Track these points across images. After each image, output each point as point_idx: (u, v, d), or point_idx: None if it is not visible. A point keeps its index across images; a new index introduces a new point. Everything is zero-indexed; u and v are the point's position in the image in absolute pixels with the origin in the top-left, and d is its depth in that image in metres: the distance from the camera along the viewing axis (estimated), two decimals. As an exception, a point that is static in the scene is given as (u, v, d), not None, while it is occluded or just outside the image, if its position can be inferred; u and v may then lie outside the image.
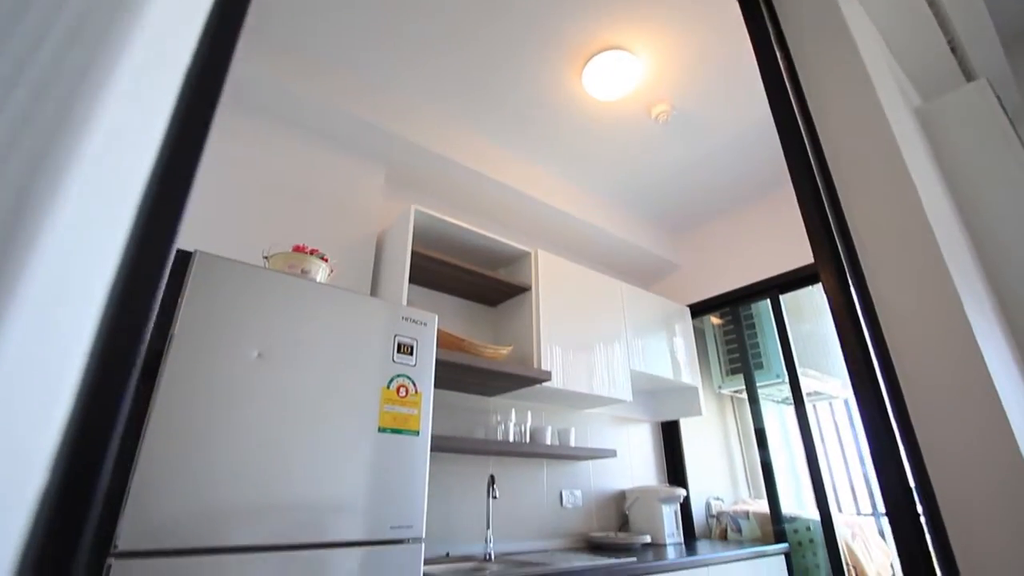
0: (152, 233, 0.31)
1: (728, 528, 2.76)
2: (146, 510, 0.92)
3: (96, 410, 0.27)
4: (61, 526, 0.23)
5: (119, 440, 0.27)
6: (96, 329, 0.27)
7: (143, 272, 0.30)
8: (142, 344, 0.29)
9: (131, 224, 0.30)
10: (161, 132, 0.33)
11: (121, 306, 0.28)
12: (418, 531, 1.17)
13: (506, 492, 2.22)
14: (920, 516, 0.93)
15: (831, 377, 3.30)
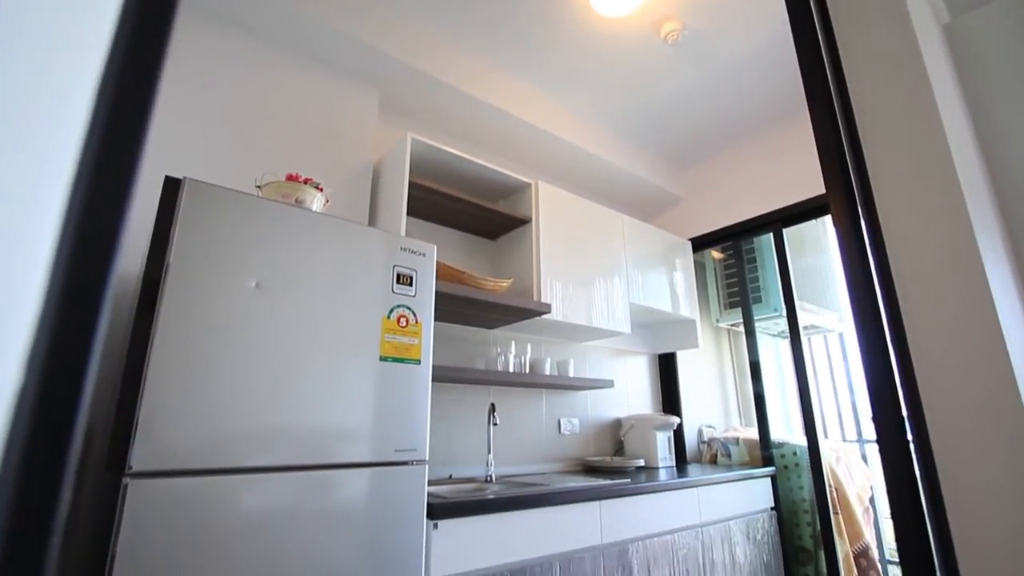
0: (117, 136, 0.28)
1: (718, 453, 2.88)
2: (156, 434, 0.95)
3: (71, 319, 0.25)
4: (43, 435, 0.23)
5: (97, 355, 0.25)
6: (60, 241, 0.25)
7: (108, 176, 0.28)
8: (115, 250, 0.27)
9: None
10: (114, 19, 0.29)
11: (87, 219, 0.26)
12: (421, 454, 1.22)
13: (506, 420, 2.30)
14: (909, 444, 0.95)
15: (828, 311, 3.33)
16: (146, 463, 0.93)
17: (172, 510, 0.93)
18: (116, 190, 0.27)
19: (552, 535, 1.62)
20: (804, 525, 2.55)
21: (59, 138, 0.25)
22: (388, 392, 1.20)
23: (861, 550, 2.51)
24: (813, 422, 2.58)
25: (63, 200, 0.25)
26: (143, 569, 0.88)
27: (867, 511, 2.74)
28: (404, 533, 1.16)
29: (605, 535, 1.76)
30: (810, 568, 2.50)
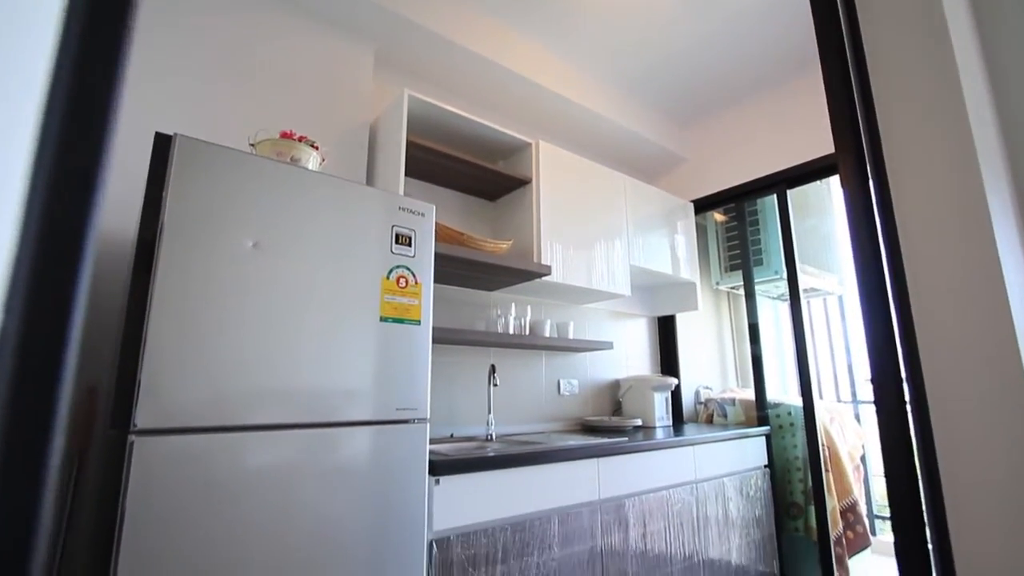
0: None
1: (714, 413, 2.94)
2: (159, 393, 0.96)
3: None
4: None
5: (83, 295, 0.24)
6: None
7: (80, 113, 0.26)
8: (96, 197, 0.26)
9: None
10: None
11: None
12: (423, 413, 1.23)
13: (506, 381, 2.33)
14: (906, 404, 0.96)
15: (828, 273, 3.32)
16: (150, 421, 0.94)
17: (178, 467, 0.95)
18: (93, 122, 0.25)
19: (551, 491, 1.66)
20: (796, 482, 2.63)
21: (27, 70, 0.24)
22: (389, 352, 1.20)
23: (849, 505, 2.59)
24: (809, 383, 2.62)
25: (35, 134, 0.23)
26: (152, 524, 0.91)
27: (857, 469, 2.82)
28: (406, 489, 1.19)
29: (603, 491, 1.81)
30: (800, 522, 2.58)
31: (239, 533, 0.97)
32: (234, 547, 0.96)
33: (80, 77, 0.24)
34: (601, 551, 1.76)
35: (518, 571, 1.53)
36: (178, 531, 0.92)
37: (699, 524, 2.15)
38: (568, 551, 1.67)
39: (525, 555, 1.55)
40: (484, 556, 1.46)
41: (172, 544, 0.91)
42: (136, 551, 0.88)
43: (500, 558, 1.49)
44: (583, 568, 1.70)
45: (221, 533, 0.95)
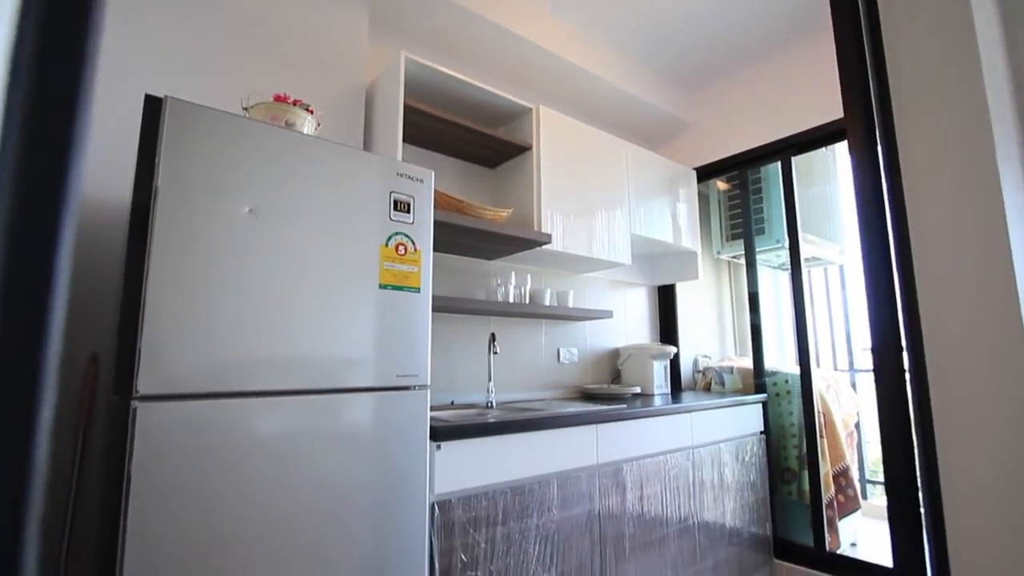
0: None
1: (712, 381, 2.97)
2: (160, 359, 0.96)
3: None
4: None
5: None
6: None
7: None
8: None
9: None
10: None
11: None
12: (423, 379, 1.24)
13: (506, 349, 2.34)
14: (905, 373, 0.96)
15: (830, 242, 3.30)
16: (152, 387, 0.94)
17: (182, 432, 0.96)
18: (69, 75, 0.24)
19: (550, 456, 1.69)
20: (791, 447, 2.67)
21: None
22: (389, 319, 1.20)
23: (841, 470, 2.65)
24: (807, 352, 2.63)
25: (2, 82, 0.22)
26: (158, 489, 0.92)
27: (851, 435, 2.87)
28: (408, 454, 1.21)
29: (601, 456, 1.85)
30: (793, 486, 2.64)
31: (245, 497, 0.99)
32: (240, 510, 0.98)
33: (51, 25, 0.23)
34: (599, 514, 1.81)
35: (518, 532, 1.57)
36: (184, 495, 0.93)
37: (695, 488, 2.20)
38: (567, 513, 1.71)
39: (525, 517, 1.59)
40: (485, 518, 1.49)
41: (179, 508, 0.93)
42: (143, 516, 0.90)
43: (500, 520, 1.53)
44: (581, 529, 1.74)
45: (227, 497, 0.97)
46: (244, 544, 0.97)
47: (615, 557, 1.84)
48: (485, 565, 1.48)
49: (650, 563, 1.95)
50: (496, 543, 1.51)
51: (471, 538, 1.46)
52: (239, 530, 0.97)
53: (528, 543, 1.59)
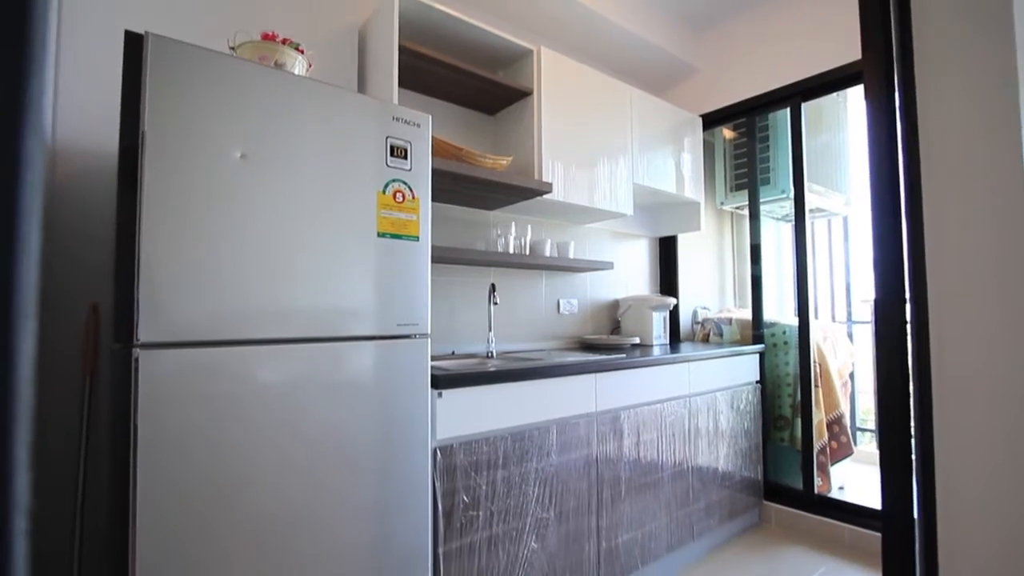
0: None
1: (711, 333, 2.99)
2: (159, 307, 0.95)
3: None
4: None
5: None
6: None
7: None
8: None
9: None
10: None
11: None
12: (424, 328, 1.24)
13: (506, 300, 2.35)
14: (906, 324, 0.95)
15: (835, 193, 3.25)
16: (153, 335, 0.94)
17: (186, 380, 0.96)
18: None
19: (550, 404, 1.72)
20: (785, 396, 2.73)
21: None
22: (388, 268, 1.19)
23: (835, 418, 2.71)
24: (806, 303, 2.64)
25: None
26: (165, 438, 0.94)
27: (845, 384, 2.92)
28: (410, 401, 1.22)
29: (600, 404, 1.88)
30: (786, 433, 2.72)
31: (252, 442, 1.01)
32: (246, 457, 1.00)
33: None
34: (597, 458, 1.86)
35: (518, 475, 1.62)
36: (191, 443, 0.95)
37: (690, 435, 2.26)
38: (566, 458, 1.76)
39: (525, 461, 1.64)
40: (486, 462, 1.54)
41: (186, 455, 0.95)
42: (153, 463, 0.92)
43: (501, 464, 1.57)
44: (579, 473, 1.80)
45: (232, 444, 0.99)
46: (254, 487, 1.00)
47: (611, 498, 1.91)
48: (486, 505, 1.54)
49: (644, 504, 2.03)
50: (497, 485, 1.56)
51: (472, 481, 1.51)
52: (246, 476, 1.00)
53: (528, 485, 1.64)
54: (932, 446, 0.85)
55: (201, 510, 0.95)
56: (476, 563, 1.51)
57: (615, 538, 1.91)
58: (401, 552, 1.18)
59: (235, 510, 0.98)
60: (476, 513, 1.51)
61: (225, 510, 0.97)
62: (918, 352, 0.90)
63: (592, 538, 1.84)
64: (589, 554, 1.82)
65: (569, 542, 1.76)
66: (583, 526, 1.81)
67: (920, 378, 0.89)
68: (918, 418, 0.90)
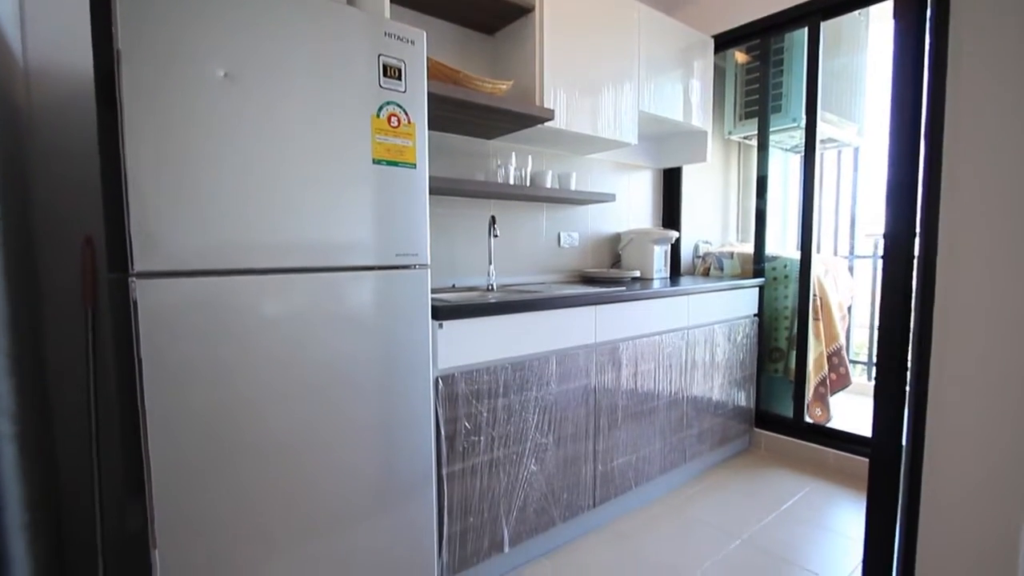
0: None
1: (712, 267, 2.98)
2: (152, 235, 0.93)
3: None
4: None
5: None
6: None
7: None
8: None
9: None
10: None
11: None
12: (423, 259, 1.23)
13: (506, 233, 2.31)
14: (914, 259, 0.93)
15: (848, 122, 3.13)
16: (148, 264, 0.93)
17: (185, 310, 0.96)
18: None
19: (550, 335, 1.74)
20: (782, 329, 2.76)
21: None
22: (385, 197, 1.16)
23: (835, 350, 2.76)
24: (810, 237, 2.61)
25: None
26: (169, 367, 0.94)
27: (844, 318, 2.95)
28: (411, 331, 1.23)
29: (599, 335, 1.90)
30: (780, 364, 2.78)
31: (256, 371, 1.02)
32: (252, 384, 1.02)
33: None
34: (595, 388, 1.91)
35: (518, 403, 1.67)
36: (195, 370, 0.96)
37: (687, 366, 2.31)
38: (565, 387, 1.80)
39: (525, 390, 1.68)
40: (487, 391, 1.58)
41: (191, 382, 0.96)
42: (159, 391, 0.93)
43: (501, 392, 1.61)
44: (578, 401, 1.85)
45: (237, 371, 1.00)
46: (262, 412, 1.02)
47: (608, 425, 1.97)
48: (487, 431, 1.59)
49: (640, 430, 2.11)
50: (498, 413, 1.61)
51: (474, 408, 1.55)
52: (253, 402, 1.02)
53: (528, 413, 1.70)
54: (927, 378, 0.86)
55: (211, 435, 0.97)
56: (478, 484, 1.59)
57: (611, 461, 2.00)
58: (406, 474, 1.23)
59: (244, 434, 1.01)
60: (478, 438, 1.57)
61: (235, 435, 1.00)
62: (922, 287, 0.89)
63: (589, 461, 1.92)
64: (585, 476, 1.91)
65: (567, 465, 1.84)
66: (580, 451, 1.89)
67: (922, 313, 0.89)
68: (915, 351, 0.90)
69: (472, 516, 1.58)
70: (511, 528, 1.69)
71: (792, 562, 1.80)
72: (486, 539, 1.62)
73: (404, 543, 1.23)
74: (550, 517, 1.81)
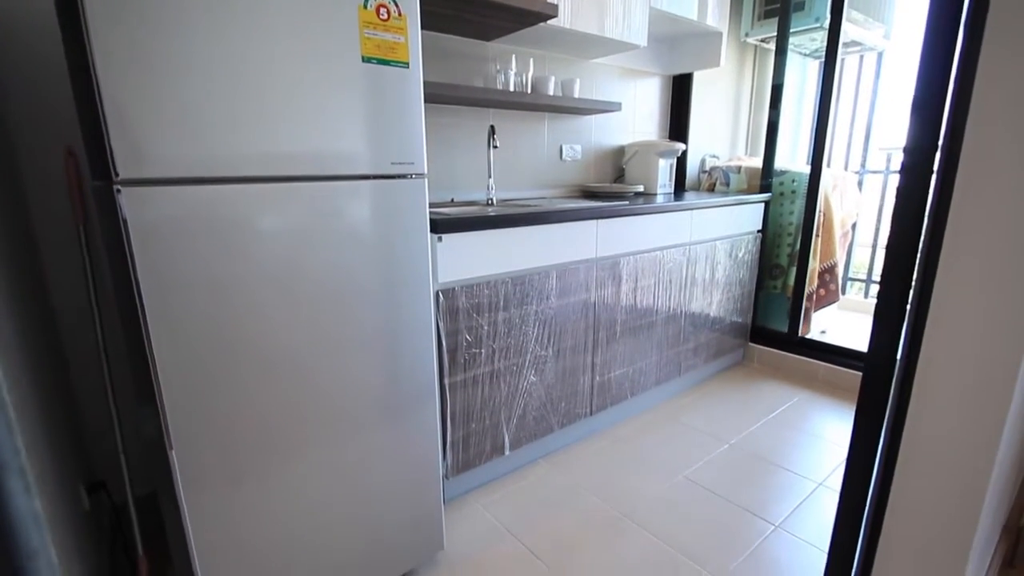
0: None
1: (717, 182, 2.90)
2: (133, 141, 0.88)
3: None
4: None
5: None
6: None
7: None
8: None
9: None
10: None
11: None
12: (420, 167, 1.18)
13: (506, 145, 2.22)
14: (932, 175, 0.89)
15: (876, 23, 2.90)
16: (133, 171, 0.89)
17: (179, 221, 0.93)
18: None
19: (550, 249, 1.72)
20: (784, 246, 2.74)
21: None
22: (377, 100, 1.08)
23: (828, 267, 2.76)
24: (823, 150, 2.51)
25: None
26: (165, 279, 0.93)
27: (846, 235, 2.92)
28: (410, 244, 1.21)
29: (599, 250, 1.89)
30: (779, 281, 2.79)
31: (255, 281, 1.01)
32: (253, 296, 1.01)
33: None
34: (594, 302, 1.92)
35: (518, 317, 1.68)
36: (193, 282, 0.95)
37: (686, 282, 2.31)
38: (564, 301, 1.81)
39: (525, 304, 1.69)
40: (487, 304, 1.58)
41: (191, 294, 0.95)
42: (161, 306, 0.92)
43: (502, 306, 1.62)
44: (577, 315, 1.87)
45: (237, 282, 0.99)
46: (265, 322, 1.02)
47: (606, 339, 2.01)
48: (488, 344, 1.62)
49: (637, 343, 2.15)
50: (498, 326, 1.63)
51: (475, 321, 1.57)
52: (250, 311, 1.01)
53: (528, 326, 1.72)
54: (930, 296, 0.85)
55: (215, 346, 0.98)
56: (480, 393, 1.64)
57: (608, 373, 2.06)
58: (410, 383, 1.26)
59: (249, 344, 1.01)
60: (478, 351, 1.60)
61: (240, 344, 1.01)
62: (938, 204, 0.85)
63: (587, 373, 1.98)
64: (583, 386, 1.98)
65: (565, 376, 1.90)
66: (579, 363, 1.94)
67: (934, 228, 0.86)
68: (921, 267, 0.89)
69: (474, 423, 1.65)
70: (511, 434, 1.77)
71: (775, 463, 1.91)
72: (488, 443, 1.71)
73: (410, 447, 1.29)
74: (549, 424, 1.89)
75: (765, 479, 1.81)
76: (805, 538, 1.52)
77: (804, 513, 1.63)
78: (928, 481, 0.84)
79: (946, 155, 0.85)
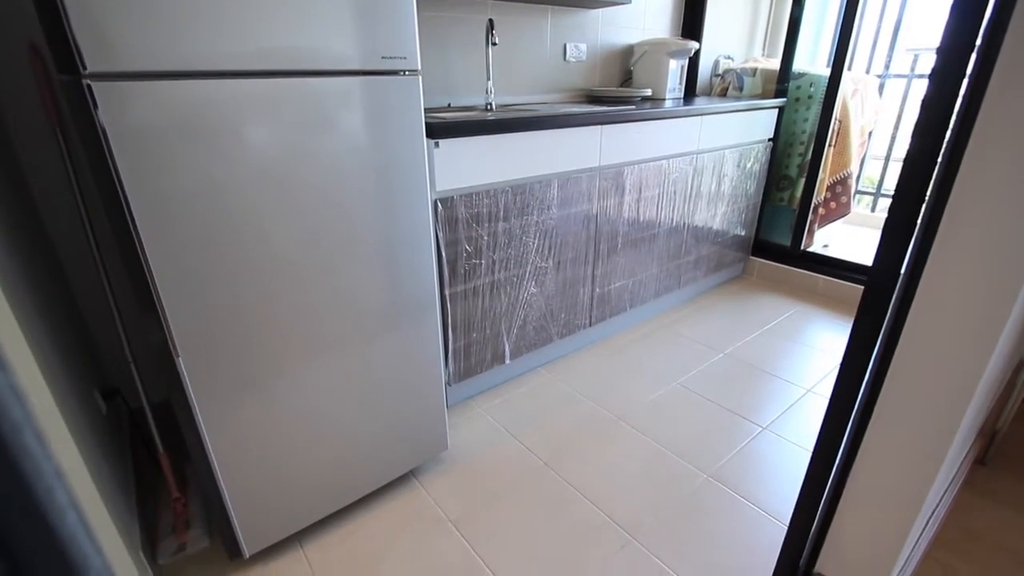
0: None
1: (731, 86, 2.73)
2: (104, 36, 0.80)
3: None
4: None
5: None
6: None
7: None
8: None
9: None
10: None
11: None
12: (413, 63, 1.09)
13: (506, 44, 2.06)
14: (964, 77, 0.81)
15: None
16: (102, 63, 0.82)
17: (158, 120, 0.87)
18: None
19: (551, 157, 1.65)
20: (795, 156, 2.64)
21: None
22: (362, -17, 0.98)
23: (841, 178, 2.67)
24: (846, 50, 2.34)
25: None
26: (149, 182, 0.89)
27: (863, 144, 2.79)
28: (405, 148, 1.15)
29: (603, 158, 1.81)
30: (787, 193, 2.71)
31: (248, 187, 0.97)
32: (241, 198, 0.97)
33: None
34: (596, 213, 1.88)
35: (519, 228, 1.65)
36: (181, 184, 0.91)
37: (691, 193, 2.25)
38: (566, 212, 1.77)
39: (525, 214, 1.65)
40: (487, 214, 1.55)
41: (179, 198, 0.91)
42: (148, 210, 0.89)
43: (502, 216, 1.59)
44: (579, 226, 1.84)
45: (227, 185, 0.95)
46: (259, 227, 1.00)
47: (608, 251, 2.00)
48: (488, 255, 1.60)
49: (638, 256, 2.14)
50: (498, 236, 1.61)
51: (474, 232, 1.54)
52: (252, 212, 0.98)
53: (528, 237, 1.69)
54: (943, 211, 0.82)
55: (211, 255, 0.96)
56: (480, 304, 1.66)
57: (608, 285, 2.07)
58: (411, 293, 1.26)
59: (246, 250, 1.00)
60: (478, 261, 1.59)
61: (237, 252, 0.99)
62: (963, 117, 0.79)
63: (587, 284, 1.98)
64: (583, 297, 2.00)
65: (565, 288, 1.91)
66: (579, 274, 1.94)
67: (958, 137, 0.80)
68: (939, 178, 0.85)
69: (475, 332, 1.68)
70: (511, 343, 1.81)
71: (767, 371, 1.97)
72: (488, 352, 1.75)
73: (413, 355, 1.32)
74: (548, 334, 1.93)
75: (756, 386, 1.88)
76: (791, 439, 1.61)
77: (792, 416, 1.71)
78: (915, 389, 0.86)
79: (982, 56, 0.78)
